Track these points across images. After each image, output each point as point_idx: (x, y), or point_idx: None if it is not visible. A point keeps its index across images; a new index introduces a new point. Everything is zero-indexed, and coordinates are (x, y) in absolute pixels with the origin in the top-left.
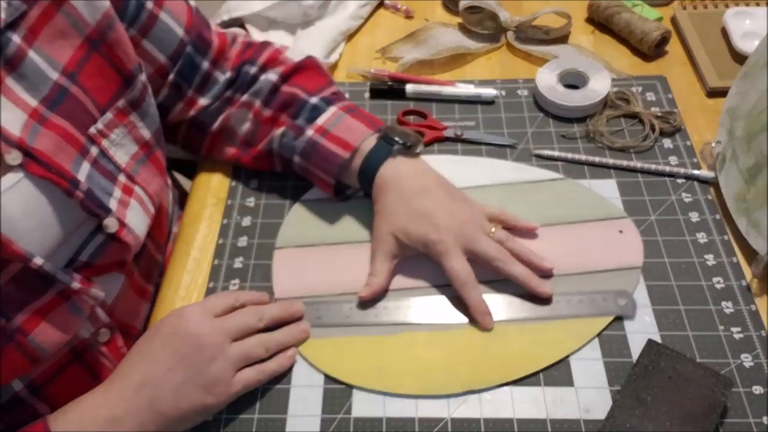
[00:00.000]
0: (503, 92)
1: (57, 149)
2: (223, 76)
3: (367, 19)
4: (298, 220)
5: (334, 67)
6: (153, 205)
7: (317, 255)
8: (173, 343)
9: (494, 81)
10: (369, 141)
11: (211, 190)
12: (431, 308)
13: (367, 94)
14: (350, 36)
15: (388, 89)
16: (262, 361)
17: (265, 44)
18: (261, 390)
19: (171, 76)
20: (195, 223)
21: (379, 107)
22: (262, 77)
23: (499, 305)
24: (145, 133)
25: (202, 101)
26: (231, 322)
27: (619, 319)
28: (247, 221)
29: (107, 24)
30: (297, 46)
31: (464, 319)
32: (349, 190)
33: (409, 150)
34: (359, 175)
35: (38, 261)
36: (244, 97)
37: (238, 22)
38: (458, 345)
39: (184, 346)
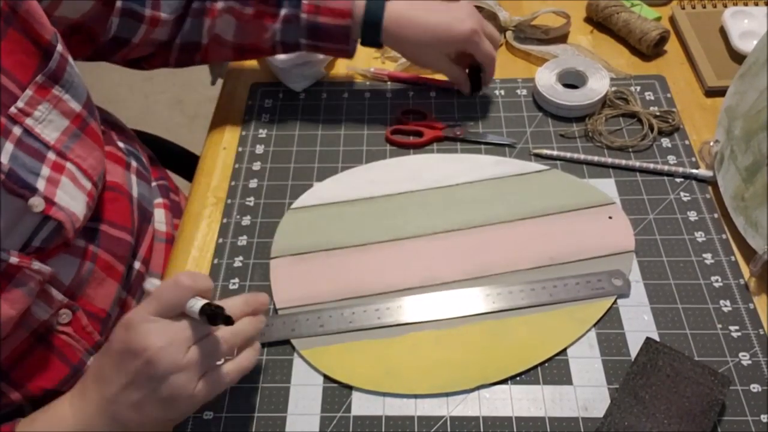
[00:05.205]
0: (502, 91)
1: None
2: None
3: None
4: (291, 228)
5: (331, 66)
6: (89, 180)
7: (313, 262)
8: (124, 360)
9: (493, 80)
10: (358, 2)
11: (211, 189)
12: (434, 306)
13: (368, 94)
14: None
15: None
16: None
17: None
18: (261, 389)
19: (119, 3)
20: (195, 222)
21: (380, 107)
22: None
23: (501, 295)
24: (74, 106)
25: (165, 16)
26: (183, 330)
27: (617, 317)
28: (246, 221)
29: None
30: None
31: (470, 315)
32: (352, 45)
33: None
34: (364, 31)
35: None
36: (220, 4)
37: None
38: (466, 341)
39: (135, 362)
